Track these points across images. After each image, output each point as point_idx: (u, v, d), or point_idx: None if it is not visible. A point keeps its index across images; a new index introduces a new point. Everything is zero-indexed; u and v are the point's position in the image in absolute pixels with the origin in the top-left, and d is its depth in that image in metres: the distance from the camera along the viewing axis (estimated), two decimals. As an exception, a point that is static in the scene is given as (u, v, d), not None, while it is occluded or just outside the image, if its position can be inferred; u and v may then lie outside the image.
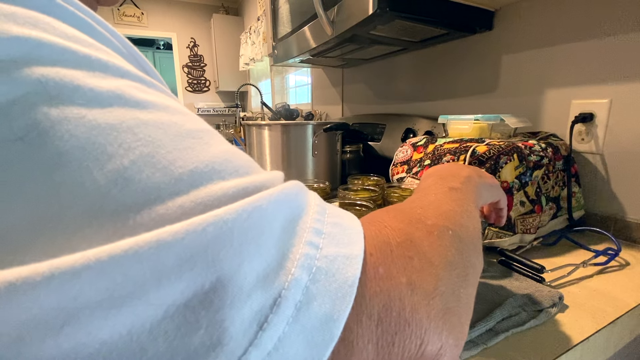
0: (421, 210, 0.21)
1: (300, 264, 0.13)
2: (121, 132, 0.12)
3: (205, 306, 0.11)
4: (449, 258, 0.18)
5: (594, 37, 0.69)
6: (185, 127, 0.14)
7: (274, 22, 1.30)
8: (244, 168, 0.14)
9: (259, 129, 0.99)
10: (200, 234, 0.11)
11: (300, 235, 0.13)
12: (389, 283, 0.15)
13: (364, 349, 0.13)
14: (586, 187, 0.73)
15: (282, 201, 0.14)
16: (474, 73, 0.96)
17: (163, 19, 3.95)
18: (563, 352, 0.36)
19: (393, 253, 0.16)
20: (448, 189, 0.25)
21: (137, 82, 0.14)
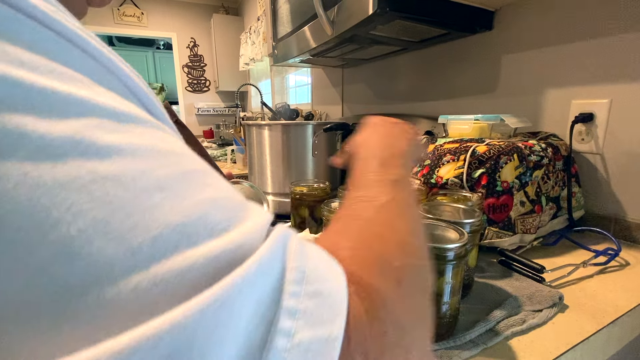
0: (384, 238, 0.19)
1: (278, 346, 0.11)
2: (72, 192, 0.10)
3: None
4: (418, 314, 0.18)
5: (594, 37, 0.69)
6: (155, 175, 0.12)
7: (274, 22, 1.30)
8: (223, 222, 0.12)
9: (259, 129, 0.99)
10: (151, 352, 0.09)
11: (271, 319, 0.12)
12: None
13: None
14: (586, 187, 0.73)
15: (255, 282, 0.12)
16: (474, 73, 0.96)
17: (163, 19, 3.94)
18: (563, 352, 0.36)
19: (371, 331, 0.14)
20: (391, 184, 0.24)
21: (107, 119, 0.12)
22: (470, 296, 0.46)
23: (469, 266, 0.45)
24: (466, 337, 0.37)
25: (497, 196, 0.55)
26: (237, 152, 1.87)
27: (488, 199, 0.55)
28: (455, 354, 0.35)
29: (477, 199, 0.52)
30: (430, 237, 0.38)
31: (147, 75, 5.27)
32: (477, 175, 0.56)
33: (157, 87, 4.86)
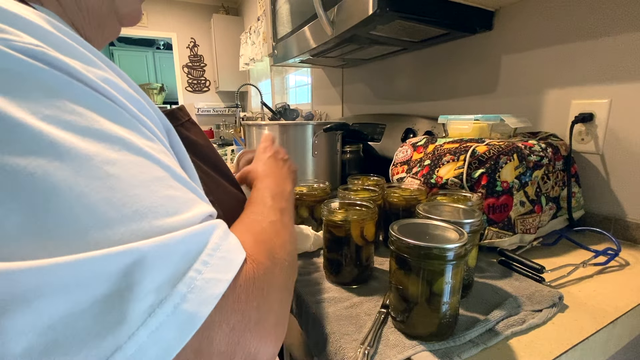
0: (272, 240, 0.29)
1: (183, 281, 0.18)
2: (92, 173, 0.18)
3: (119, 298, 0.16)
4: (286, 285, 0.27)
5: (594, 37, 0.69)
6: (141, 175, 0.19)
7: (274, 22, 1.30)
8: (174, 209, 0.20)
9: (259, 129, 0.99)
10: (126, 255, 0.17)
11: (191, 264, 0.19)
12: (245, 305, 0.21)
13: (219, 343, 0.20)
14: (586, 187, 0.73)
15: (185, 240, 0.19)
16: (474, 73, 0.96)
17: (163, 19, 3.94)
18: (563, 352, 0.36)
19: (255, 285, 0.23)
20: (280, 211, 0.36)
21: (114, 144, 0.19)
22: (470, 296, 0.46)
23: (469, 266, 0.46)
24: (466, 337, 0.37)
25: (497, 196, 0.55)
26: (237, 152, 1.87)
27: (488, 199, 0.55)
28: (455, 354, 0.35)
29: (477, 199, 0.52)
30: (431, 237, 0.38)
31: (147, 75, 5.27)
32: (477, 175, 0.56)
33: (157, 87, 4.85)
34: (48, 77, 0.18)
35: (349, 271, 0.50)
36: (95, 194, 0.17)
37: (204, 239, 0.20)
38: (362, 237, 0.49)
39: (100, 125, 0.19)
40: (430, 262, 0.35)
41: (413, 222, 0.42)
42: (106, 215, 0.17)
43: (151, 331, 0.17)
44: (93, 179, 0.17)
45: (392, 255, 0.39)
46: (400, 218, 0.43)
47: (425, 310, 0.37)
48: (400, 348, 0.36)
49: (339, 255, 0.50)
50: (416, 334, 0.38)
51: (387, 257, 0.58)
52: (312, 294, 0.48)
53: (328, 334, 0.40)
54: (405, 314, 0.38)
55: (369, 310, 0.43)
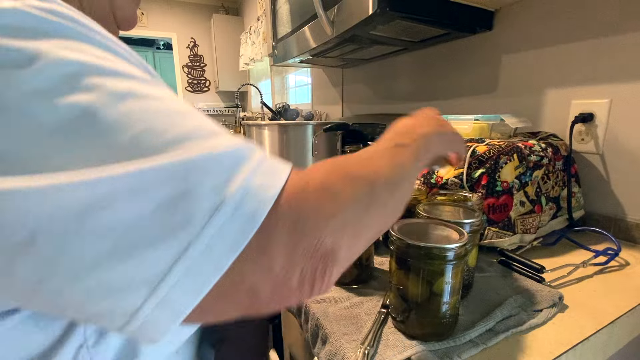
0: (354, 162, 0.27)
1: (239, 184, 0.20)
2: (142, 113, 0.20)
3: (182, 200, 0.18)
4: (356, 198, 0.24)
5: (594, 37, 0.69)
6: (172, 108, 0.21)
7: (274, 22, 1.30)
8: (217, 131, 0.21)
9: (259, 129, 0.99)
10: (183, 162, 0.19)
11: (243, 170, 0.20)
12: (303, 205, 0.22)
13: (279, 240, 0.21)
14: (586, 187, 0.73)
15: (233, 153, 0.21)
16: (474, 73, 0.96)
17: (163, 19, 3.94)
18: (563, 352, 0.36)
19: (309, 189, 0.23)
20: (394, 145, 0.31)
21: (144, 83, 0.21)
22: (470, 296, 0.46)
23: (469, 266, 0.46)
24: (466, 337, 0.37)
25: (497, 196, 0.55)
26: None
27: (488, 199, 0.55)
28: (455, 354, 0.35)
29: (477, 199, 0.52)
30: (431, 237, 0.38)
31: (147, 75, 5.26)
32: (477, 175, 0.56)
33: (157, 87, 4.85)
34: (70, 30, 0.20)
35: (349, 271, 0.50)
36: (138, 123, 0.19)
37: (248, 152, 0.21)
38: (362, 237, 0.49)
39: (125, 68, 0.21)
40: (430, 262, 0.35)
41: (413, 222, 0.42)
42: (153, 142, 0.19)
43: (217, 229, 0.18)
44: (134, 111, 0.19)
45: (392, 255, 0.39)
46: (401, 218, 0.43)
47: (425, 310, 0.37)
48: (400, 348, 0.36)
49: (339, 255, 0.50)
50: (416, 334, 0.38)
51: (387, 257, 0.58)
52: (312, 294, 0.48)
53: (328, 334, 0.40)
54: (405, 314, 0.38)
55: (369, 310, 0.43)
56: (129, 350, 0.27)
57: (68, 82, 0.18)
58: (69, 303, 0.18)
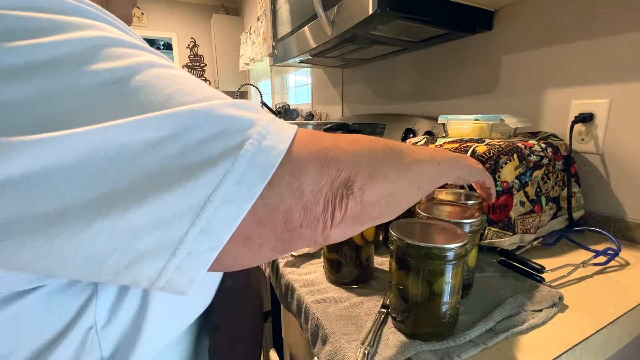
0: (358, 141, 0.29)
1: (262, 126, 0.22)
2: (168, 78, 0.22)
3: (217, 138, 0.20)
4: (371, 149, 0.28)
5: (594, 37, 0.69)
6: (192, 78, 0.23)
7: (274, 22, 1.30)
8: (227, 98, 0.24)
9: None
10: (208, 108, 0.21)
11: (262, 119, 0.23)
12: (319, 143, 0.25)
13: (307, 167, 0.23)
14: (586, 187, 0.73)
15: (247, 110, 0.23)
16: (474, 73, 0.96)
17: (163, 19, 3.94)
18: (563, 352, 0.36)
19: (318, 134, 0.26)
20: (395, 147, 0.33)
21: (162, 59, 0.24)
22: (470, 296, 0.46)
23: (469, 266, 0.46)
24: (466, 337, 0.37)
25: (497, 196, 0.55)
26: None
27: (488, 199, 0.55)
28: (455, 354, 0.35)
29: (477, 199, 0.52)
30: (431, 237, 0.38)
31: (147, 75, 5.26)
32: (477, 175, 0.56)
33: (157, 87, 4.85)
34: (96, 15, 0.22)
35: (349, 271, 0.50)
36: (174, 84, 0.21)
37: (261, 109, 0.24)
38: (362, 237, 0.49)
39: (146, 46, 0.24)
40: (430, 262, 0.35)
41: (413, 222, 0.42)
42: (184, 99, 0.21)
43: (248, 159, 0.21)
44: (166, 78, 0.21)
45: (392, 255, 0.39)
46: (400, 218, 0.43)
47: (425, 310, 0.37)
48: (400, 348, 0.36)
49: (339, 255, 0.50)
50: (416, 334, 0.38)
51: (387, 257, 0.58)
52: (312, 294, 0.48)
53: (328, 334, 0.40)
54: (405, 314, 0.38)
55: (369, 310, 0.43)
56: (134, 334, 0.27)
57: (96, 51, 0.20)
58: (118, 242, 0.19)
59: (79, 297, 0.25)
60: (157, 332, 0.29)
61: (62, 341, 0.24)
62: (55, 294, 0.24)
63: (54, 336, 0.24)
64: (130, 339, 0.28)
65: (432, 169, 0.34)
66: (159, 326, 0.29)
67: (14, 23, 0.19)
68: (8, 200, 0.17)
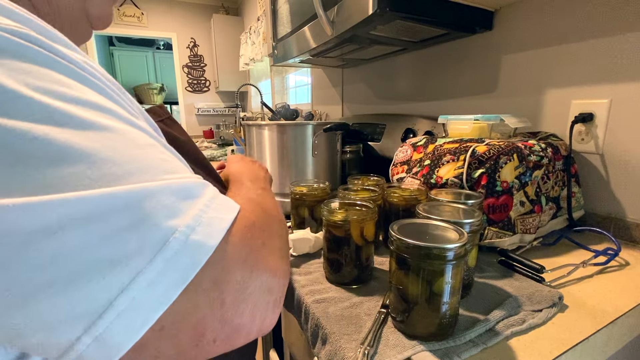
0: (267, 203, 0.33)
1: (191, 217, 0.20)
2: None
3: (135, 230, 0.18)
4: (283, 235, 0.30)
5: (594, 37, 0.69)
6: (134, 141, 0.21)
7: (274, 22, 1.30)
8: (171, 169, 0.21)
9: (259, 129, 0.99)
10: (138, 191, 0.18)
11: (196, 203, 0.21)
12: (251, 242, 0.23)
13: (234, 273, 0.21)
14: (586, 187, 0.73)
15: (187, 186, 0.21)
16: (473, 73, 0.96)
17: (163, 19, 3.94)
18: (563, 352, 0.36)
19: (255, 227, 0.25)
20: (261, 189, 0.39)
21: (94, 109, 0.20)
22: (470, 296, 0.46)
23: (469, 266, 0.46)
24: (466, 337, 0.37)
25: (496, 196, 0.55)
26: (237, 152, 1.87)
27: (488, 199, 0.55)
28: (455, 354, 0.35)
29: (477, 199, 0.52)
30: (431, 237, 0.38)
31: (147, 75, 5.26)
32: (477, 175, 0.56)
33: (157, 87, 4.85)
34: (34, 53, 0.18)
35: (349, 271, 0.50)
36: (98, 153, 0.18)
37: (202, 189, 0.22)
38: (362, 237, 0.49)
39: (89, 97, 0.20)
40: (430, 262, 0.35)
41: (413, 222, 0.42)
42: (111, 170, 0.18)
43: (168, 258, 0.18)
44: (94, 141, 0.18)
45: (392, 255, 0.39)
46: (400, 218, 0.43)
47: (425, 310, 0.37)
48: (400, 348, 0.36)
49: (339, 256, 0.50)
50: (416, 334, 0.38)
51: (387, 257, 0.58)
52: (312, 294, 0.48)
53: (328, 334, 0.40)
54: (405, 314, 0.38)
55: (369, 310, 0.43)
56: None
57: (16, 104, 0.17)
58: (6, 333, 0.17)
59: (9, 355, 0.22)
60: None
61: None
62: None
63: None
64: None
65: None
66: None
67: None
68: None
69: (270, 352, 0.87)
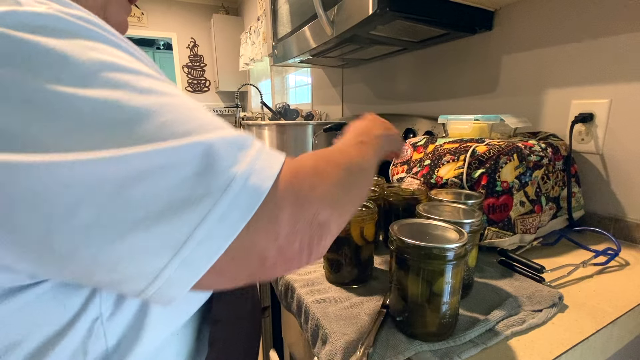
0: (334, 153, 0.33)
1: (246, 165, 0.23)
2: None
3: (203, 176, 0.21)
4: (340, 179, 0.29)
5: (594, 37, 0.69)
6: (187, 104, 0.24)
7: (274, 22, 1.30)
8: (222, 125, 0.24)
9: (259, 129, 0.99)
10: (202, 143, 0.22)
11: (248, 154, 0.23)
12: (300, 185, 0.26)
13: (284, 212, 0.24)
14: (586, 187, 0.73)
15: (238, 139, 0.24)
16: (474, 73, 0.96)
17: (163, 19, 3.94)
18: (563, 352, 0.36)
19: (305, 172, 0.27)
20: (358, 142, 0.38)
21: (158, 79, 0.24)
22: (470, 296, 0.46)
23: (469, 266, 0.46)
24: (466, 337, 0.37)
25: (497, 196, 0.55)
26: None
27: (488, 199, 0.55)
28: (455, 354, 0.35)
29: (477, 199, 0.52)
30: (431, 237, 0.38)
31: (147, 75, 5.26)
32: (477, 175, 0.56)
33: (157, 87, 4.85)
34: (96, 34, 0.22)
35: (349, 271, 0.50)
36: (167, 113, 0.22)
37: (251, 141, 0.25)
38: (362, 237, 0.49)
39: (143, 69, 0.23)
40: (430, 262, 0.35)
41: (413, 222, 0.42)
42: (179, 128, 0.22)
43: (231, 198, 0.21)
44: (161, 105, 0.22)
45: (392, 255, 0.39)
46: (400, 218, 0.43)
47: (425, 310, 0.37)
48: (400, 348, 0.36)
49: (339, 255, 0.50)
50: (416, 334, 0.38)
51: (387, 257, 0.59)
52: (312, 294, 0.48)
53: (328, 334, 0.40)
54: (405, 314, 0.38)
55: (369, 310, 0.43)
56: (138, 326, 0.29)
57: (94, 76, 0.20)
58: (100, 268, 0.20)
59: (84, 290, 0.26)
60: (159, 323, 0.30)
61: (68, 331, 0.25)
62: (60, 287, 0.25)
63: (62, 326, 0.25)
64: (134, 330, 0.28)
65: (374, 161, 0.39)
66: (161, 318, 0.30)
67: (11, 46, 0.19)
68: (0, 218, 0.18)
69: (270, 352, 0.87)
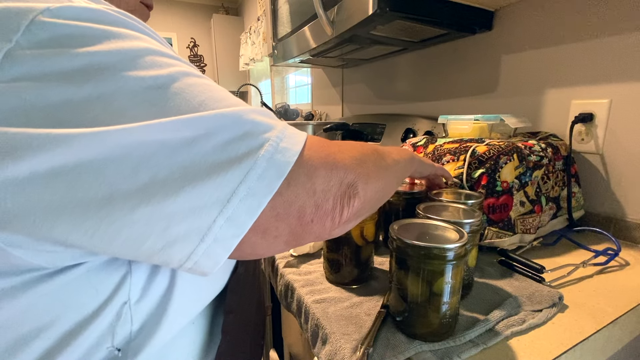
0: (354, 148, 0.34)
1: (277, 132, 0.25)
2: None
3: (243, 139, 0.24)
4: (357, 154, 0.31)
5: (594, 37, 0.69)
6: (220, 87, 0.27)
7: (274, 22, 1.30)
8: (251, 107, 0.27)
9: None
10: (239, 111, 0.24)
11: (278, 125, 0.26)
12: (327, 150, 0.29)
13: (318, 169, 0.27)
14: (586, 187, 0.73)
15: (266, 117, 0.26)
16: (474, 73, 0.96)
17: (163, 19, 3.94)
18: (563, 352, 0.36)
19: (325, 142, 0.30)
20: (384, 149, 0.40)
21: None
22: (470, 296, 0.46)
23: (469, 266, 0.46)
24: (466, 337, 0.37)
25: (497, 196, 0.55)
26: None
27: (488, 199, 0.55)
28: (455, 354, 0.35)
29: (477, 199, 0.52)
30: (431, 237, 0.38)
31: (147, 75, 5.26)
32: (477, 175, 0.56)
33: (157, 87, 4.86)
34: (134, 26, 0.25)
35: (349, 271, 0.50)
36: (204, 92, 0.24)
37: (277, 120, 0.27)
38: (362, 237, 0.49)
39: (176, 55, 0.26)
40: (430, 262, 0.35)
41: (413, 222, 0.42)
42: (221, 102, 0.25)
43: (268, 158, 0.24)
44: (200, 85, 0.25)
45: (392, 255, 0.39)
46: (400, 218, 0.43)
47: (425, 310, 0.37)
48: (400, 348, 0.36)
49: (339, 256, 0.50)
50: (416, 334, 0.38)
51: (387, 257, 0.58)
52: (312, 294, 0.48)
53: (328, 334, 0.40)
54: (405, 314, 0.38)
55: (369, 310, 0.43)
56: (161, 311, 0.30)
57: (143, 60, 0.23)
58: (154, 228, 0.22)
59: (116, 275, 0.27)
60: (180, 310, 0.31)
61: (100, 314, 0.26)
62: (94, 271, 0.26)
63: (94, 309, 0.26)
64: (157, 315, 0.30)
65: (403, 166, 0.42)
66: (182, 305, 0.31)
67: (74, 32, 0.21)
68: (63, 185, 0.19)
69: (270, 352, 0.87)
